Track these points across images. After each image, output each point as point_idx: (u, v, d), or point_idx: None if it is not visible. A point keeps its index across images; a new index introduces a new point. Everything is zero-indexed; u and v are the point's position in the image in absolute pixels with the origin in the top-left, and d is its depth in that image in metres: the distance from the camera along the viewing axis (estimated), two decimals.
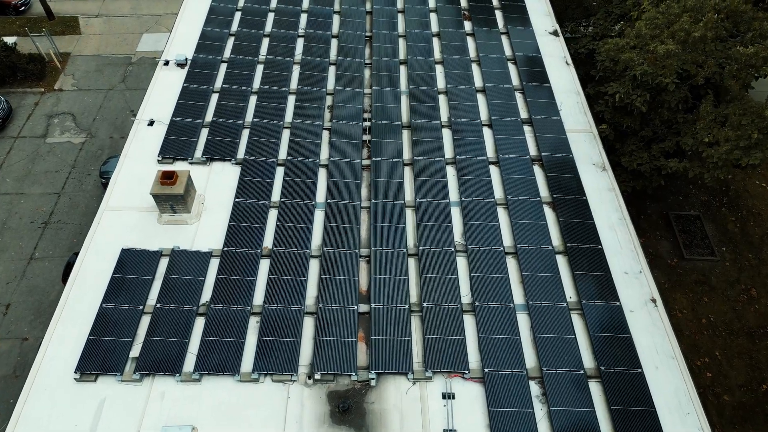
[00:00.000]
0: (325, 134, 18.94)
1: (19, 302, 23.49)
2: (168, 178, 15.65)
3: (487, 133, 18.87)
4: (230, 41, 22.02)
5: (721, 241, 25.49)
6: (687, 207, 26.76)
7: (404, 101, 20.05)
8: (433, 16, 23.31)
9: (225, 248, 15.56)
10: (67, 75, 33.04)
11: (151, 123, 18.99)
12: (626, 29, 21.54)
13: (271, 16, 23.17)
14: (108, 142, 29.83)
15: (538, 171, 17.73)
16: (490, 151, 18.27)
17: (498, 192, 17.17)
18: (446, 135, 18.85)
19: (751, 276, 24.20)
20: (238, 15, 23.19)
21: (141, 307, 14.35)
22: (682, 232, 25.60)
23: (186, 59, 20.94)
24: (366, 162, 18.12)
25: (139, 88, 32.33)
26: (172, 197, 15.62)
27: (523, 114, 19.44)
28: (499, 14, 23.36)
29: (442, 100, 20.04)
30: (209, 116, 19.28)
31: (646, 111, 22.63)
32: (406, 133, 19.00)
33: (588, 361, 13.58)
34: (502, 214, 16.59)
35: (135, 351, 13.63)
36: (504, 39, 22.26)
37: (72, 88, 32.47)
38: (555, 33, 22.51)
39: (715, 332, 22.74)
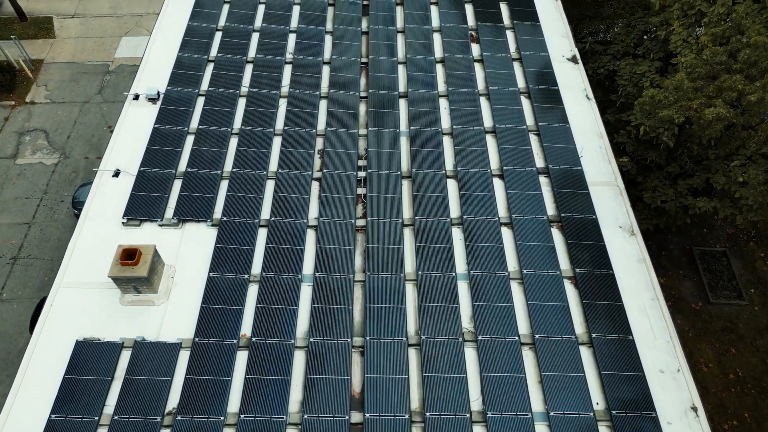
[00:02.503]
0: (315, 186, 16.69)
1: None
2: (129, 257, 13.45)
3: (498, 186, 16.61)
4: (209, 69, 19.58)
5: (750, 281, 23.36)
6: (712, 241, 24.58)
7: (404, 145, 17.73)
8: (436, 38, 20.82)
9: (196, 339, 13.44)
10: (40, 86, 30.54)
11: (117, 174, 16.71)
12: (663, 79, 19.07)
13: (255, 37, 20.68)
14: (83, 163, 27.51)
15: (556, 235, 15.51)
16: (501, 210, 16.03)
17: (512, 263, 14.99)
18: (451, 188, 16.59)
19: None
20: (218, 36, 20.70)
21: (96, 418, 12.27)
22: (707, 271, 23.47)
23: (158, 93, 18.54)
24: (360, 222, 15.90)
25: (117, 101, 29.88)
26: (134, 279, 13.44)
27: (539, 162, 17.14)
28: (510, 36, 20.86)
29: (447, 143, 17.72)
30: (183, 164, 16.99)
31: (674, 145, 20.37)
32: (406, 186, 16.74)
33: None
34: (517, 292, 14.44)
35: None
36: (516, 67, 19.81)
37: (45, 100, 30.00)
38: (574, 59, 20.06)
39: (744, 390, 20.76)
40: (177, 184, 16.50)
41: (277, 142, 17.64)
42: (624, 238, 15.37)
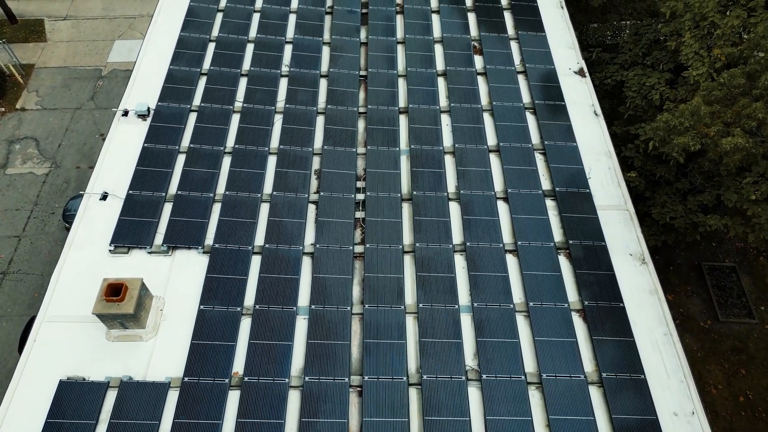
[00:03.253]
0: (311, 209, 15.98)
1: None
2: (115, 293, 12.76)
3: (503, 210, 15.89)
4: (202, 83, 18.81)
5: (760, 298, 22.68)
6: (721, 255, 23.88)
7: (404, 165, 17.00)
8: (438, 49, 20.02)
9: (185, 378, 12.77)
10: (31, 92, 29.75)
11: (105, 197, 15.99)
12: (673, 91, 18.34)
13: (250, 48, 19.89)
14: (74, 173, 26.78)
15: (564, 264, 14.81)
16: (506, 236, 15.32)
17: (517, 294, 14.31)
18: (454, 212, 15.88)
19: None
20: (211, 48, 19.91)
21: None
22: (716, 287, 22.79)
23: (148, 109, 17.79)
24: (359, 248, 15.19)
25: (109, 107, 29.08)
26: (120, 316, 12.75)
27: (545, 184, 16.41)
28: (514, 47, 20.06)
29: (449, 163, 16.99)
30: (173, 186, 16.27)
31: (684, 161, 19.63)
32: (406, 209, 16.02)
33: None
34: (523, 326, 13.78)
35: None
36: (521, 80, 19.04)
37: (36, 107, 29.22)
38: (581, 72, 19.28)
39: (755, 413, 20.14)
40: (167, 208, 15.79)
41: (272, 161, 16.92)
42: (635, 266, 14.67)
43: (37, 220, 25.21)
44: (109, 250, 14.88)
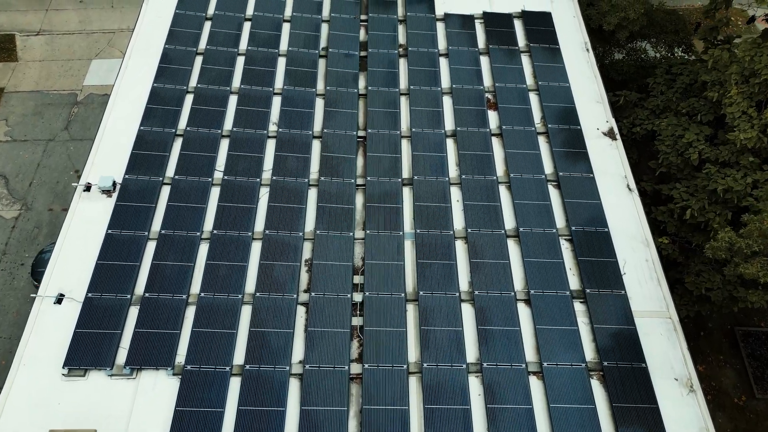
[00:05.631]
0: (300, 314, 13.74)
1: None
2: None
3: (524, 315, 13.63)
4: (176, 147, 16.42)
5: None
6: (756, 318, 21.70)
7: (409, 253, 14.72)
8: (447, 103, 17.55)
9: None
10: None
11: (60, 300, 13.73)
12: (728, 173, 16.00)
13: (233, 102, 17.43)
14: (47, 216, 24.46)
15: (597, 391, 12.58)
16: (529, 353, 13.11)
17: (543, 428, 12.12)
18: (467, 317, 13.63)
19: None
20: (189, 101, 17.44)
21: None
22: (751, 357, 20.64)
23: (114, 183, 15.43)
24: (356, 369, 12.98)
25: (85, 138, 26.64)
26: None
27: (573, 283, 14.13)
28: (534, 100, 17.59)
29: (461, 252, 14.72)
30: (141, 284, 14.01)
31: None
32: (411, 313, 13.78)
33: None
34: None
35: None
36: (542, 143, 16.65)
37: (5, 138, 26.77)
38: (611, 134, 16.85)
39: None
40: (132, 314, 13.57)
41: (255, 250, 14.63)
42: (682, 396, 12.47)
43: (4, 273, 22.99)
44: (63, 374, 12.63)
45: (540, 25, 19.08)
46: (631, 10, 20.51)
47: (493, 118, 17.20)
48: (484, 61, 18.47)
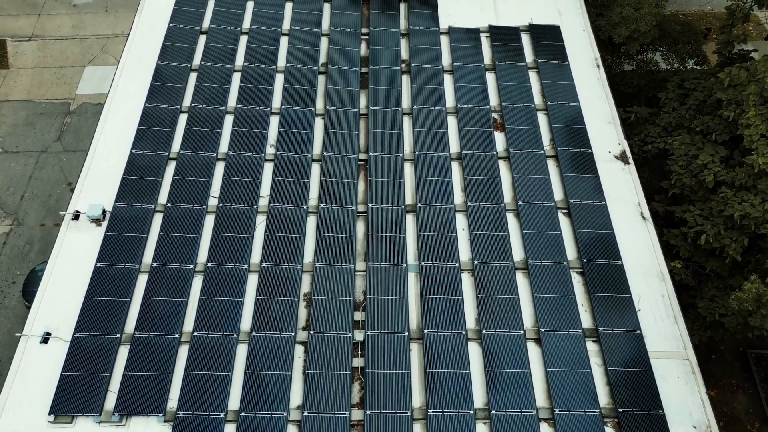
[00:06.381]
0: (299, 354, 13.09)
1: None
2: None
3: (534, 356, 12.97)
4: (169, 173, 15.70)
5: None
6: None
7: (413, 287, 14.04)
8: (451, 124, 16.83)
9: None
10: None
11: (46, 339, 13.06)
12: (744, 196, 15.31)
13: (228, 122, 16.70)
14: (38, 232, 23.78)
15: None
16: (540, 398, 12.47)
17: None
18: (474, 358, 12.97)
19: None
20: (182, 121, 16.71)
21: None
22: (764, 381, 20.01)
23: (103, 211, 14.73)
24: (357, 415, 12.33)
25: (78, 150, 25.95)
26: None
27: (586, 320, 13.47)
28: (543, 121, 16.86)
29: (467, 286, 14.02)
30: (131, 322, 13.35)
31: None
32: (415, 353, 13.13)
33: None
34: None
35: None
36: (551, 167, 15.95)
37: None
38: (623, 157, 16.14)
39: None
40: (122, 355, 12.89)
41: (252, 284, 13.95)
42: None
43: None
44: (49, 422, 11.98)
45: (548, 39, 18.32)
46: (643, 22, 19.75)
47: (500, 139, 16.47)
48: (491, 78, 17.72)
